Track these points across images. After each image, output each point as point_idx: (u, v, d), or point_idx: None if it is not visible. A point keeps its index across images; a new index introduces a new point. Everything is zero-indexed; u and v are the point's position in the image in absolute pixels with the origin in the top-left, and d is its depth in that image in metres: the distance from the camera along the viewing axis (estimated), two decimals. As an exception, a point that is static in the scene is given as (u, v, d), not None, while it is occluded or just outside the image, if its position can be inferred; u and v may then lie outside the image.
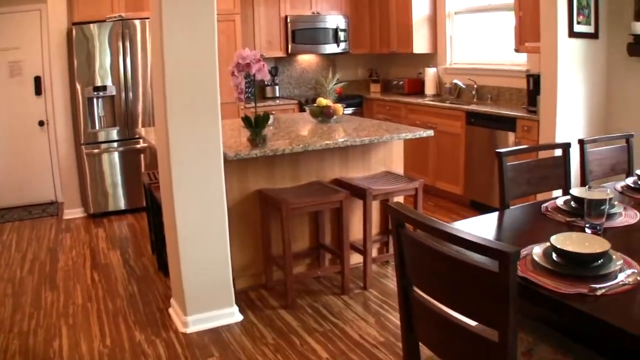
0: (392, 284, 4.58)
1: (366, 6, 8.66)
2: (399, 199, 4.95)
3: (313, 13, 8.22)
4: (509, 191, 3.15)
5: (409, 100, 7.61)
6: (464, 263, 1.75)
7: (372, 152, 4.91)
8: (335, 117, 5.38)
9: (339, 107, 5.42)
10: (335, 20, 8.32)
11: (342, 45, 8.42)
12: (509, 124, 5.90)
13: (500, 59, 7.01)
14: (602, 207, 2.42)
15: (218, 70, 3.69)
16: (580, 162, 3.54)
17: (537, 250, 2.19)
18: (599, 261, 2.07)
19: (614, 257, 2.09)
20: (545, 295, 1.92)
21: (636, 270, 2.04)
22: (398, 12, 8.11)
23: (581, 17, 5.22)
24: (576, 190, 2.82)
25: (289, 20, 8.00)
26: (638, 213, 2.71)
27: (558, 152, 3.48)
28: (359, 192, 4.41)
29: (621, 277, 1.99)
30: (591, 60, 5.45)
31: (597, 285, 1.92)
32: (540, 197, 3.85)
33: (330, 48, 8.37)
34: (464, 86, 7.35)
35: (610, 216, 2.59)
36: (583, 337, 2.18)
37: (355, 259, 4.70)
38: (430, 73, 7.96)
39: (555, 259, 2.12)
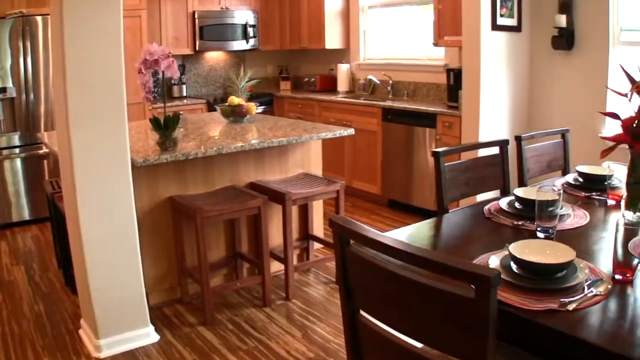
0: (315, 292, 4.35)
1: (276, 1, 8.40)
2: (319, 202, 4.73)
3: (222, 8, 7.87)
4: (448, 193, 2.93)
5: (322, 97, 7.40)
6: (431, 288, 1.49)
7: (289, 153, 4.66)
8: (248, 116, 5.11)
9: (252, 106, 5.14)
10: (244, 15, 8.00)
11: (252, 41, 8.11)
12: (428, 120, 5.77)
13: (416, 54, 6.89)
14: (553, 209, 2.25)
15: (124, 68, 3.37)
16: (518, 159, 3.37)
17: (494, 262, 1.98)
18: (564, 271, 1.88)
19: (580, 265, 1.90)
20: (511, 313, 1.71)
21: (603, 278, 1.86)
22: (309, 6, 7.88)
23: (504, 9, 5.14)
24: (520, 191, 2.64)
25: (196, 15, 7.61)
26: (587, 213, 2.55)
27: (490, 150, 3.32)
28: (277, 196, 4.15)
29: (589, 287, 1.80)
30: (514, 54, 5.40)
31: (567, 299, 1.73)
32: (464, 201, 3.66)
33: (239, 44, 8.05)
34: (378, 82, 7.19)
35: (559, 217, 2.40)
36: (545, 351, 1.98)
37: (275, 267, 4.44)
38: (342, 69, 7.78)
39: (515, 270, 1.91)
